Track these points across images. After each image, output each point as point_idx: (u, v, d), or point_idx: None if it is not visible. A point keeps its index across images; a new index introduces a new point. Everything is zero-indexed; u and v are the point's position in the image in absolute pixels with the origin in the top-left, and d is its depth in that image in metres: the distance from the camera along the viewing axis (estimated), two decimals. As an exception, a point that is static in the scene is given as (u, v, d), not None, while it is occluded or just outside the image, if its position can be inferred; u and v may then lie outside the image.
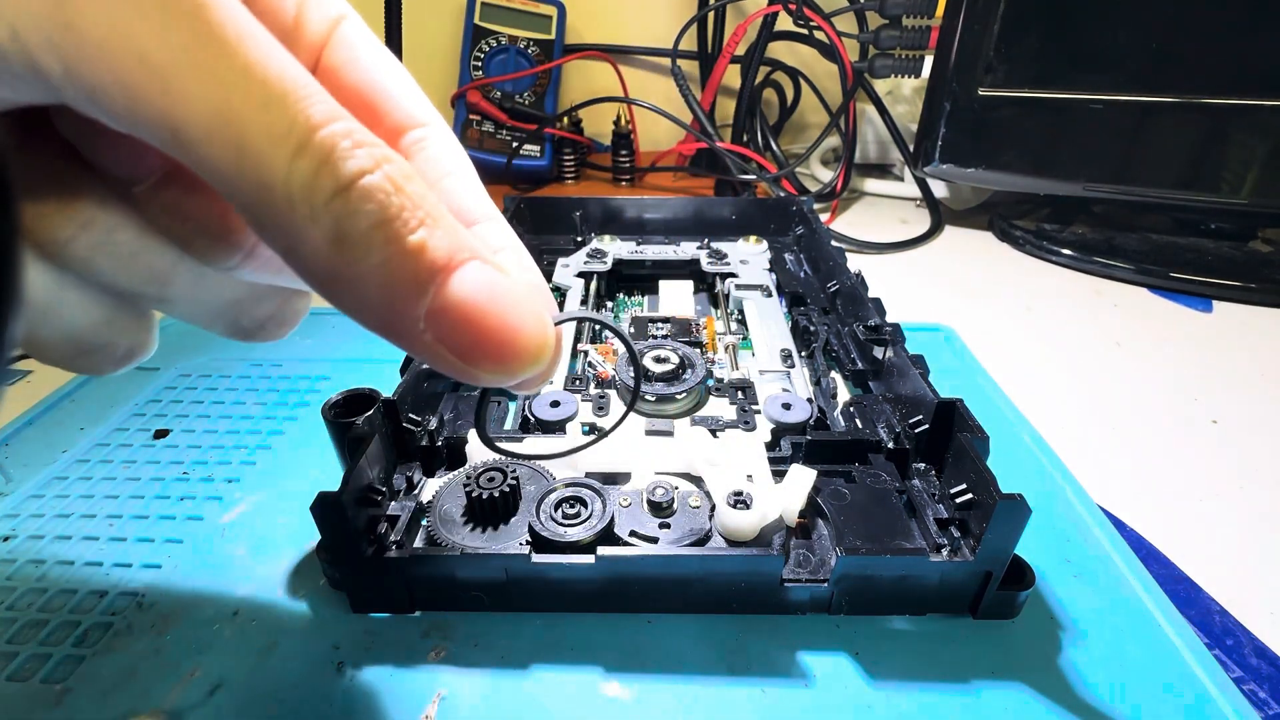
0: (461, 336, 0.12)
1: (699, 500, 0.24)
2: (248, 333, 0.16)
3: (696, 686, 0.22)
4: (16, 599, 0.24)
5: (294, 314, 0.17)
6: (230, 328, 0.16)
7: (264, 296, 0.16)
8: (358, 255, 0.11)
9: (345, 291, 0.11)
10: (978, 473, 0.22)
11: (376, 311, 0.12)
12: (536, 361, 0.13)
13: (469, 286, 0.12)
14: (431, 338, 0.12)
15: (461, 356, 0.12)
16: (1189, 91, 0.49)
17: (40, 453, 0.32)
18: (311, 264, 0.11)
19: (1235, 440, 0.35)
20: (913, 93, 0.72)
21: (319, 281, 0.11)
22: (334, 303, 0.12)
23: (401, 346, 0.12)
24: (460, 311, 0.12)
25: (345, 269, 0.11)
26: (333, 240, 0.11)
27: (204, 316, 0.16)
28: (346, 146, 0.10)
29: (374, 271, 0.11)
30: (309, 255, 0.11)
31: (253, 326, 0.16)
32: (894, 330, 0.32)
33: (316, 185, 0.10)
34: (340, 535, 0.22)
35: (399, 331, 0.12)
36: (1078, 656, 0.23)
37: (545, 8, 0.68)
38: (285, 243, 0.11)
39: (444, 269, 0.11)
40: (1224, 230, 0.56)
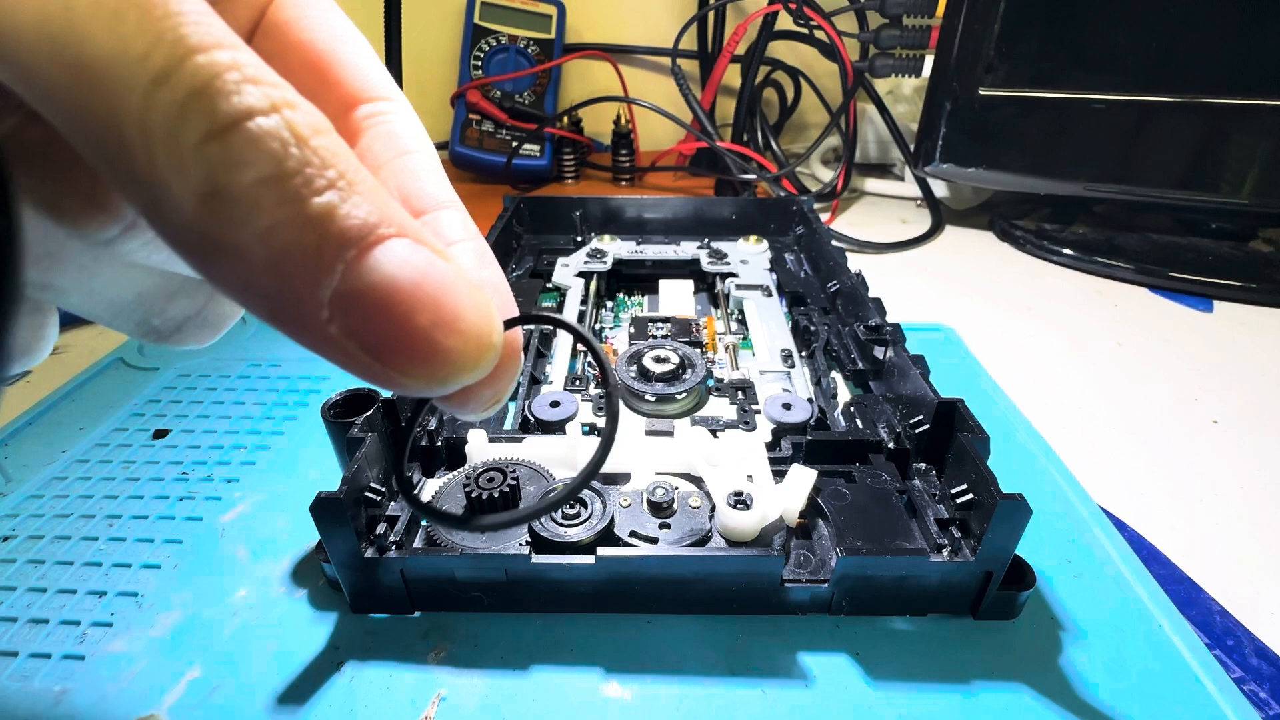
0: (377, 327, 0.09)
1: (699, 500, 0.24)
2: (161, 335, 0.14)
3: (696, 687, 0.22)
4: (16, 599, 0.24)
5: (219, 317, 0.14)
6: (140, 328, 0.13)
7: (177, 293, 0.13)
8: (237, 217, 0.08)
9: (222, 266, 0.09)
10: (978, 473, 0.22)
11: (264, 294, 0.09)
12: (473, 364, 0.10)
13: (392, 265, 0.09)
14: (338, 330, 0.09)
15: (376, 354, 0.10)
16: (1189, 91, 0.49)
17: (40, 453, 0.32)
18: (176, 227, 0.09)
19: (1236, 440, 0.35)
20: (913, 92, 0.71)
21: (188, 251, 0.09)
22: (210, 281, 0.09)
23: (298, 341, 0.10)
24: (377, 295, 0.09)
25: (220, 234, 0.08)
26: (204, 196, 0.08)
27: (105, 311, 0.13)
28: (233, 79, 0.08)
29: (259, 240, 0.08)
30: (172, 214, 0.08)
31: (167, 328, 0.14)
32: (894, 330, 0.32)
33: (184, 123, 0.08)
34: (340, 535, 0.22)
35: (294, 321, 0.09)
36: (1078, 657, 0.23)
37: (545, 7, 0.68)
38: (143, 197, 0.08)
39: (358, 241, 0.09)
40: (1224, 230, 0.56)
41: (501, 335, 0.11)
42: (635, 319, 0.37)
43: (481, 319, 0.10)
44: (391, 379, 0.10)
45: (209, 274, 0.09)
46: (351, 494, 0.22)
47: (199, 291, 0.14)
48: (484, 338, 0.10)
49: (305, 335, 0.09)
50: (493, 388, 0.12)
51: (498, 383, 0.12)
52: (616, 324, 0.41)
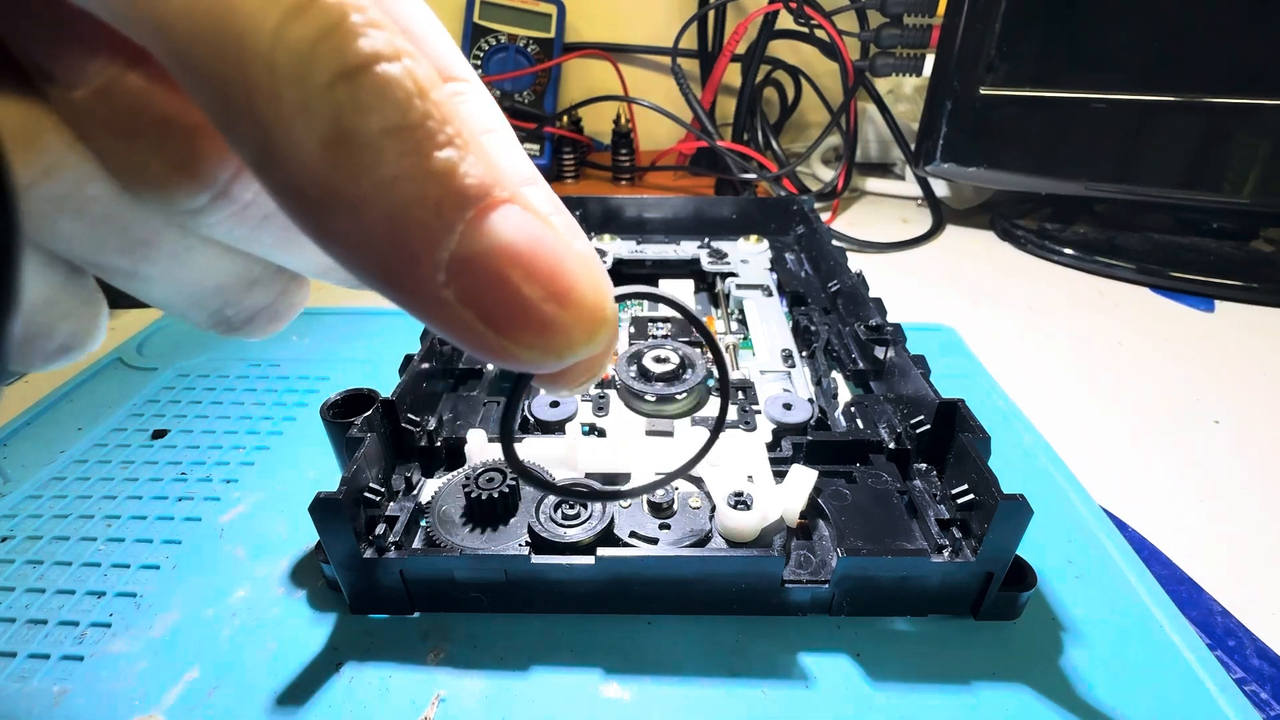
0: (496, 295, 0.09)
1: (699, 501, 0.24)
2: (232, 326, 0.14)
3: (696, 688, 0.22)
4: (15, 599, 0.24)
5: (288, 308, 0.14)
6: (213, 318, 0.13)
7: (256, 283, 0.13)
8: (361, 166, 0.08)
9: (338, 220, 0.08)
10: (979, 473, 0.22)
11: (379, 252, 0.09)
12: (589, 337, 0.10)
13: (509, 230, 0.09)
14: (454, 295, 0.09)
15: (494, 324, 0.09)
16: (1190, 91, 0.49)
17: (38, 453, 0.32)
18: (294, 176, 0.08)
19: (1237, 440, 0.35)
20: (914, 91, 0.71)
21: (302, 204, 0.08)
22: (321, 239, 0.09)
23: (409, 307, 0.09)
24: (496, 259, 0.09)
25: (341, 184, 0.08)
26: (329, 142, 0.08)
27: (182, 301, 0.13)
28: (358, 21, 0.08)
29: (380, 192, 0.08)
30: (291, 162, 0.08)
31: (240, 319, 0.13)
32: (895, 330, 0.32)
33: (315, 61, 0.08)
34: (339, 536, 0.22)
35: (409, 284, 0.09)
36: (1079, 657, 0.23)
37: (545, 6, 0.68)
38: (260, 143, 0.08)
39: (476, 201, 0.09)
40: (1226, 230, 0.56)
41: (615, 307, 0.11)
42: (635, 319, 0.37)
43: (597, 291, 0.10)
44: (505, 351, 0.09)
45: (320, 230, 0.09)
46: (351, 494, 0.22)
47: (275, 281, 0.14)
48: (599, 310, 0.10)
49: (418, 300, 0.09)
50: (594, 363, 0.11)
51: (599, 359, 0.11)
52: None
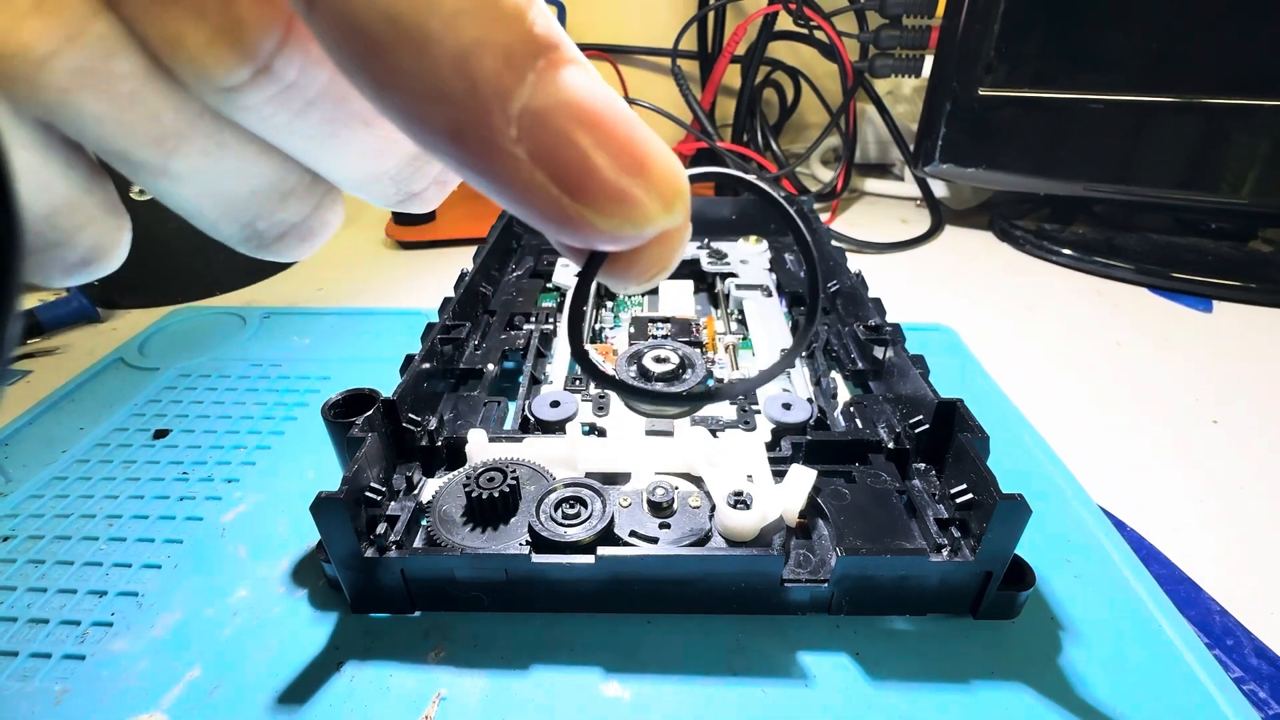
0: (571, 152, 0.08)
1: (699, 500, 0.24)
2: (264, 241, 0.13)
3: (696, 686, 0.22)
4: (16, 599, 0.24)
5: (322, 225, 0.13)
6: (244, 231, 0.12)
7: (290, 194, 0.12)
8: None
9: (403, 61, 0.08)
10: (978, 473, 0.22)
11: (447, 101, 0.08)
12: (667, 206, 0.09)
13: (583, 86, 0.08)
14: (526, 153, 0.08)
15: (570, 187, 0.09)
16: (1189, 91, 0.49)
17: (40, 452, 0.32)
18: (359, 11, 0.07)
19: (1235, 440, 0.35)
20: (913, 92, 0.71)
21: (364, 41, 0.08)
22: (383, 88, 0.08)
23: (477, 168, 0.09)
24: (573, 116, 0.08)
25: (410, 18, 0.07)
26: None
27: (213, 208, 0.12)
28: None
29: (449, 28, 0.07)
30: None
31: (271, 234, 0.12)
32: (894, 330, 0.32)
33: None
34: (340, 535, 0.22)
35: (481, 139, 0.08)
36: (1078, 657, 0.23)
37: (545, 7, 0.68)
38: None
39: (547, 50, 0.08)
40: (1224, 230, 0.56)
41: (687, 182, 0.10)
42: (635, 319, 0.37)
43: (670, 160, 0.09)
44: (581, 219, 0.09)
45: (383, 76, 0.08)
46: (352, 494, 0.22)
47: (311, 194, 0.13)
48: (676, 179, 0.09)
49: (490, 159, 0.08)
50: (665, 248, 0.10)
51: (670, 243, 0.10)
52: (616, 324, 0.41)
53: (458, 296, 0.36)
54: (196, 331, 0.42)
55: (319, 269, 0.54)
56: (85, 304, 0.45)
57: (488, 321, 0.38)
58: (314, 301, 0.48)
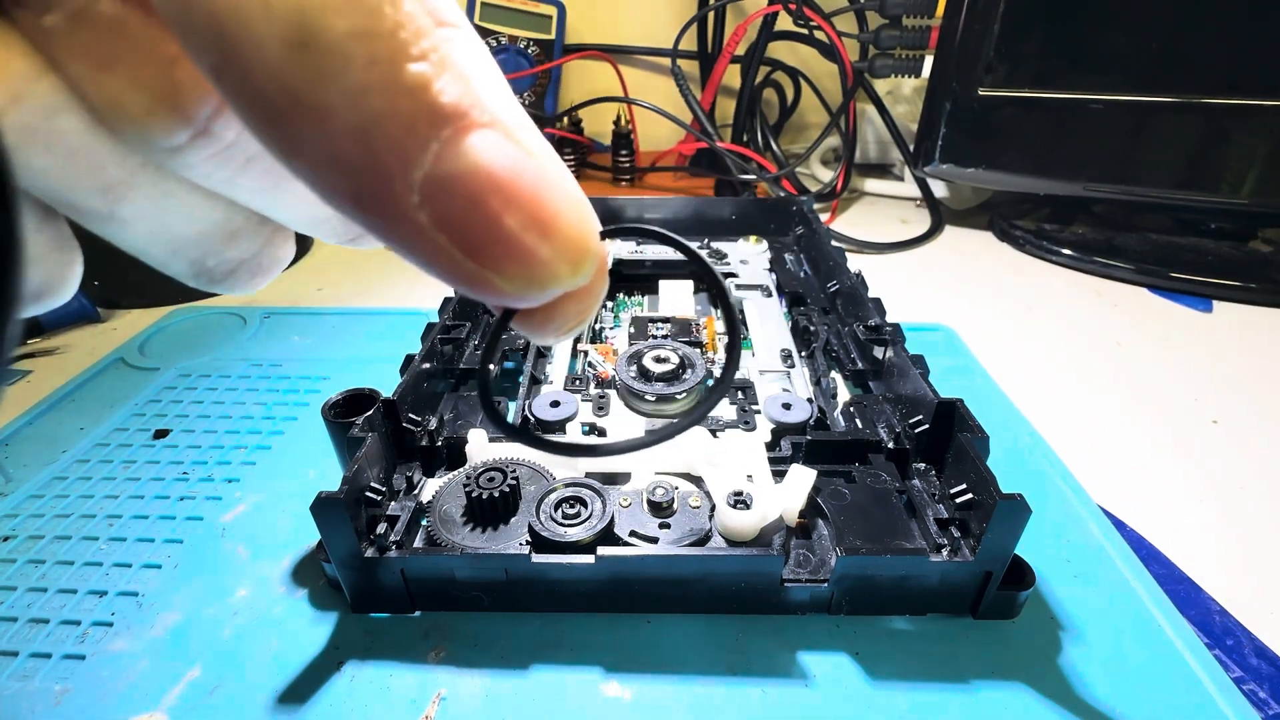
0: (473, 219, 0.09)
1: (699, 500, 0.24)
2: (214, 278, 0.13)
3: (696, 686, 0.22)
4: (16, 599, 0.24)
5: (271, 262, 0.14)
6: (193, 268, 0.13)
7: (238, 234, 0.13)
8: (327, 71, 0.08)
9: (305, 132, 0.08)
10: (978, 473, 0.22)
11: (349, 169, 0.08)
12: (572, 268, 0.09)
13: (488, 153, 0.08)
14: (428, 218, 0.08)
15: (472, 251, 0.09)
16: (1189, 91, 0.49)
17: (40, 452, 0.32)
18: (257, 81, 0.08)
19: (1235, 440, 0.35)
20: (913, 92, 0.71)
21: (267, 111, 0.08)
22: (287, 154, 0.08)
23: (382, 233, 0.09)
24: (474, 182, 0.08)
25: (307, 90, 0.08)
26: (292, 44, 0.07)
27: (161, 249, 0.12)
28: None
29: (349, 101, 0.08)
30: (254, 64, 0.07)
31: (221, 271, 0.13)
32: (894, 330, 0.32)
33: None
34: (340, 535, 0.22)
35: (380, 205, 0.08)
36: (1078, 657, 0.23)
37: (545, 7, 0.68)
38: (220, 43, 0.08)
39: (453, 121, 0.08)
40: (1224, 230, 0.56)
41: (599, 240, 0.10)
42: (635, 319, 0.37)
43: (581, 221, 0.10)
44: (484, 280, 0.09)
45: (286, 144, 0.08)
46: (352, 494, 0.22)
47: (259, 233, 0.13)
48: (584, 239, 0.10)
49: (390, 223, 0.09)
50: (580, 304, 0.11)
51: (585, 299, 0.11)
52: (616, 324, 0.41)
53: (458, 296, 0.36)
54: (196, 331, 0.42)
55: (319, 269, 0.54)
56: (85, 304, 0.45)
57: (488, 321, 0.38)
58: (314, 301, 0.48)
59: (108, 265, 0.13)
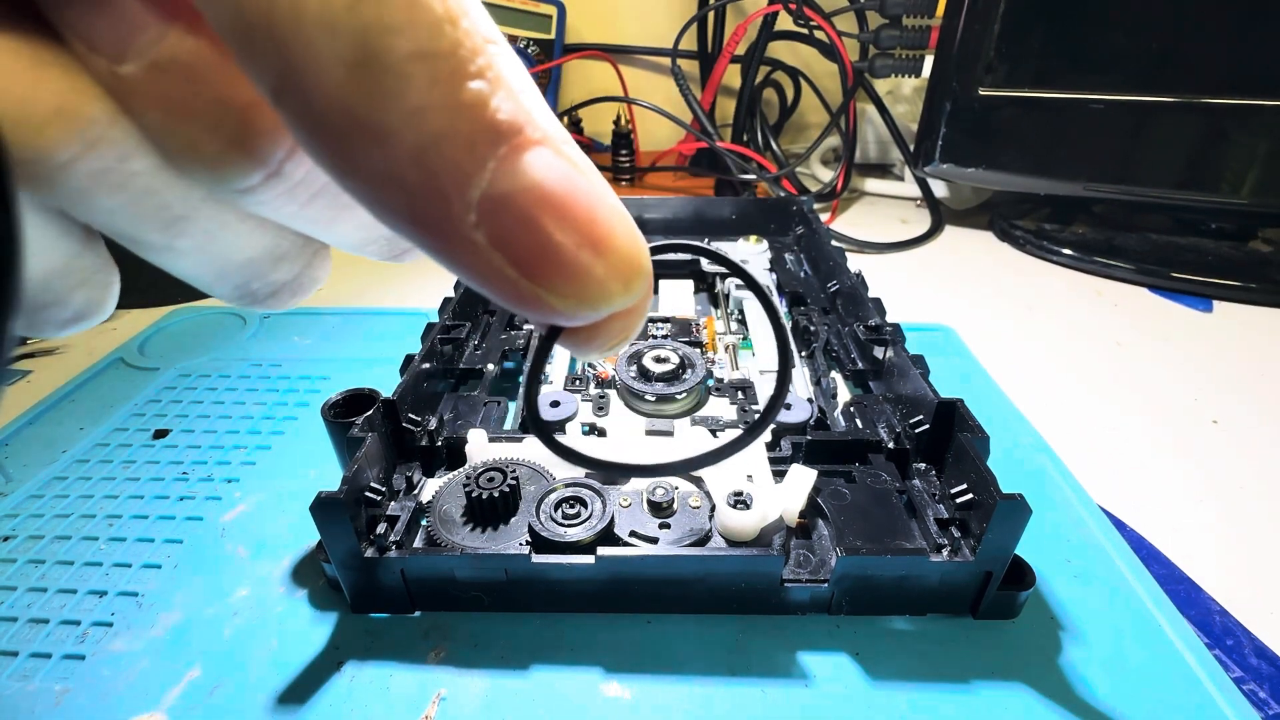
0: (528, 239, 0.09)
1: (699, 500, 0.24)
2: (256, 299, 0.13)
3: (696, 686, 0.22)
4: (16, 599, 0.24)
5: (311, 281, 0.14)
6: (237, 291, 0.13)
7: (284, 257, 0.13)
8: (388, 92, 0.08)
9: (365, 154, 0.08)
10: (978, 473, 0.22)
11: (408, 190, 0.08)
12: (625, 287, 0.09)
13: (543, 170, 0.08)
14: (484, 238, 0.08)
15: (528, 270, 0.09)
16: (1189, 91, 0.49)
17: (40, 453, 0.32)
18: (318, 102, 0.08)
19: (1235, 440, 0.35)
20: (913, 92, 0.71)
21: (327, 134, 0.08)
22: (346, 176, 0.08)
23: (439, 252, 0.09)
24: (531, 201, 0.08)
25: (368, 112, 0.08)
26: (354, 65, 0.07)
27: (210, 274, 0.12)
28: None
29: (409, 122, 0.08)
30: (315, 86, 0.07)
31: (264, 293, 0.13)
32: (894, 330, 0.32)
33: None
34: (340, 535, 0.22)
35: (439, 225, 0.08)
36: (1078, 657, 0.23)
37: (545, 7, 0.68)
38: (281, 65, 0.08)
39: (509, 138, 0.08)
40: (1224, 230, 0.56)
41: (649, 258, 0.10)
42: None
43: (633, 239, 0.10)
44: (538, 299, 0.09)
45: (346, 167, 0.08)
46: (352, 494, 0.22)
47: (302, 254, 0.13)
48: (636, 259, 0.10)
49: (447, 243, 0.09)
50: (625, 320, 0.10)
51: (631, 316, 0.10)
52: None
53: (458, 296, 0.36)
54: (196, 331, 0.42)
55: (319, 269, 0.54)
56: (85, 304, 0.45)
57: (488, 321, 0.38)
58: (314, 301, 0.48)
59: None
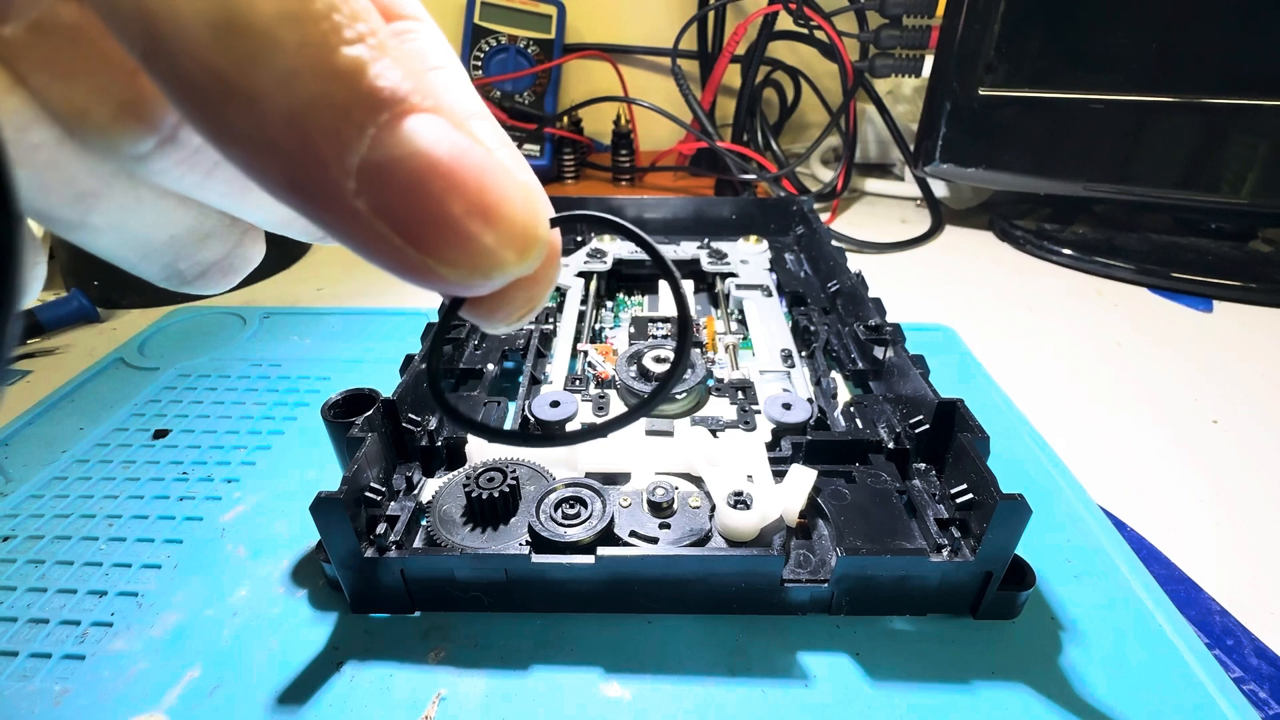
0: (413, 205, 0.08)
1: (699, 500, 0.24)
2: (185, 279, 0.13)
3: (696, 687, 0.22)
4: (16, 599, 0.24)
5: (242, 261, 0.14)
6: (165, 271, 0.13)
7: (209, 236, 0.13)
8: (255, 54, 0.07)
9: (235, 117, 0.08)
10: (978, 473, 0.22)
11: (283, 155, 0.08)
12: (519, 255, 0.09)
13: (429, 138, 0.08)
14: (366, 205, 0.08)
15: (411, 237, 0.08)
16: (1189, 91, 0.49)
17: (40, 453, 0.32)
18: (184, 64, 0.07)
19: (1235, 440, 0.35)
20: (913, 92, 0.71)
21: (196, 96, 0.08)
22: (218, 140, 0.08)
23: (321, 221, 0.09)
24: (414, 167, 0.08)
25: (235, 74, 0.07)
26: (218, 26, 0.07)
27: (133, 253, 0.12)
28: None
29: (279, 85, 0.07)
30: (180, 47, 0.07)
31: (192, 273, 0.13)
32: (894, 330, 0.32)
33: None
34: (340, 535, 0.22)
35: (316, 191, 0.08)
36: (1078, 657, 0.23)
37: (545, 7, 0.68)
38: (145, 26, 0.07)
39: (391, 106, 0.08)
40: (1224, 230, 0.56)
41: (548, 227, 0.10)
42: (635, 319, 0.37)
43: (527, 207, 0.09)
44: (426, 269, 0.09)
45: (217, 130, 0.08)
46: (351, 494, 0.22)
47: (229, 234, 0.13)
48: (531, 227, 0.09)
49: (328, 210, 0.08)
50: (529, 291, 0.10)
51: (534, 286, 0.10)
52: (616, 324, 0.41)
53: (458, 296, 0.36)
54: (196, 331, 0.42)
55: (319, 269, 0.54)
56: (85, 304, 0.45)
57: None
58: (314, 301, 0.48)
59: (107, 265, 0.13)
